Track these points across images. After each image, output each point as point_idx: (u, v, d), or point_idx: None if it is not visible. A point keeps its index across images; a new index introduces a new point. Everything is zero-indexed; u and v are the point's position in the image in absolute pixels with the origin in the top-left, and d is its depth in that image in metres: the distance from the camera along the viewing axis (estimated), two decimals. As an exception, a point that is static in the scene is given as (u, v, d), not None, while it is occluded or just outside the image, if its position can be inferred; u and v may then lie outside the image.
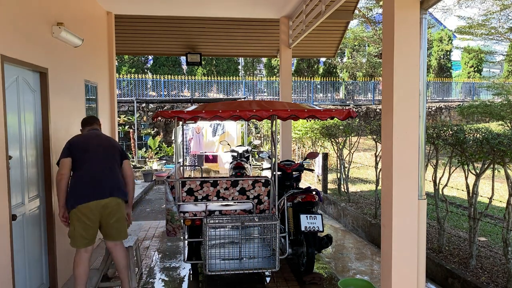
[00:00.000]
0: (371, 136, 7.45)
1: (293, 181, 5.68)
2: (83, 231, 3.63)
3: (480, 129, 4.57)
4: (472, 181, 4.69)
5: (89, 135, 4.01)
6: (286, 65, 7.66)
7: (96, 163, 3.76)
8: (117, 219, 3.76)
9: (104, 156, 3.84)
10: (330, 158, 11.37)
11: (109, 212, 3.69)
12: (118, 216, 3.77)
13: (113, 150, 3.92)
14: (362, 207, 7.48)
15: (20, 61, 3.58)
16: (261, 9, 7.00)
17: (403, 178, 3.09)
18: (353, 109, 6.02)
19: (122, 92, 18.66)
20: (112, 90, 6.85)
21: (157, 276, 4.74)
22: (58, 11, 4.53)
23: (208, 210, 4.51)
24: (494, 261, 4.79)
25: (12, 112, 3.55)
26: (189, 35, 8.61)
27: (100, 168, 3.75)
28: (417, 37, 3.08)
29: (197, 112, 4.12)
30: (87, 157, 3.77)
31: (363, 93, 21.93)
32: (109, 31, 6.84)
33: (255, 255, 4.40)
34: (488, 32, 19.08)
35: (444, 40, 24.24)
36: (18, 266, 3.58)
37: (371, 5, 20.38)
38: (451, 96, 22.82)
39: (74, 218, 3.63)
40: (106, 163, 3.80)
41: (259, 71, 24.36)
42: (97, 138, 3.97)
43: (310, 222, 4.46)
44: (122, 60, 21.35)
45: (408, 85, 3.06)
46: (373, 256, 5.64)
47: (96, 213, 3.64)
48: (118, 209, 3.76)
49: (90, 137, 3.96)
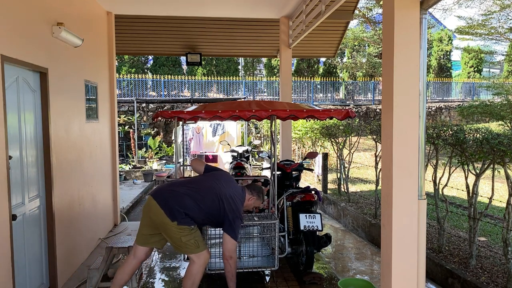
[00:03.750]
0: (371, 136, 7.45)
1: (292, 181, 5.69)
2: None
3: (480, 129, 4.57)
4: (472, 181, 4.69)
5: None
6: (286, 65, 7.66)
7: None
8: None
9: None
10: (330, 158, 11.37)
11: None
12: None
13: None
14: (362, 207, 7.48)
15: (20, 61, 3.58)
16: (261, 9, 7.00)
17: (403, 178, 3.09)
18: (352, 109, 6.02)
19: (122, 92, 18.66)
20: (112, 90, 6.85)
21: (157, 276, 4.74)
22: (58, 11, 4.54)
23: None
24: (494, 261, 4.79)
25: (12, 112, 3.55)
26: (189, 35, 8.61)
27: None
28: (417, 37, 3.08)
29: (197, 112, 4.12)
30: None
31: (363, 93, 21.94)
32: (109, 31, 6.84)
33: (254, 254, 4.40)
34: (488, 32, 19.08)
35: (444, 40, 24.24)
36: (18, 266, 3.58)
37: (371, 5, 20.38)
38: (451, 96, 22.82)
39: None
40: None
41: (259, 71, 24.36)
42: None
43: (309, 221, 4.47)
44: (122, 60, 21.35)
45: (408, 85, 3.06)
46: (373, 256, 5.64)
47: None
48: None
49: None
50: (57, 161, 4.41)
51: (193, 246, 3.55)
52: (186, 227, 3.52)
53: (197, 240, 3.58)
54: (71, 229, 4.82)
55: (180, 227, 3.50)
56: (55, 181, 4.35)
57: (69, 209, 4.76)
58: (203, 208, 3.59)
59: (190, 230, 3.55)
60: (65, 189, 4.66)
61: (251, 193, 3.90)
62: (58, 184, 4.44)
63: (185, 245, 3.54)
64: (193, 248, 3.55)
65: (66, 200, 4.68)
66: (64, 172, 4.64)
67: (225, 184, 3.76)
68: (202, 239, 3.70)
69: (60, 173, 4.51)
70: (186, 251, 3.60)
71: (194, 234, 3.58)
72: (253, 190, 3.92)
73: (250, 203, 3.89)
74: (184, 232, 3.52)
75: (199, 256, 3.57)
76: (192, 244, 3.54)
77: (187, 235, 3.53)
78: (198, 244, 3.58)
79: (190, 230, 3.55)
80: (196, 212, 3.57)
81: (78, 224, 5.07)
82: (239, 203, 3.73)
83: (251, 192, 3.90)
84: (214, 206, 3.61)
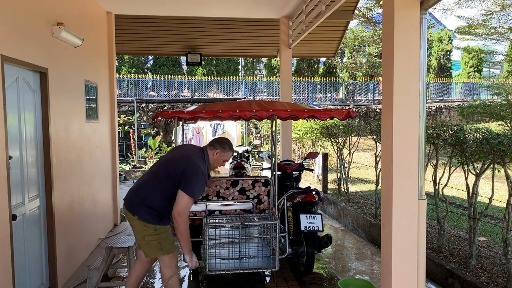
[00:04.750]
0: (371, 136, 7.45)
1: (293, 181, 5.68)
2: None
3: (480, 129, 4.56)
4: (472, 181, 4.69)
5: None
6: (286, 65, 7.66)
7: None
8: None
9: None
10: (330, 158, 11.37)
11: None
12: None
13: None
14: (362, 207, 7.48)
15: (20, 61, 3.58)
16: (261, 9, 7.00)
17: (403, 178, 3.09)
18: (352, 109, 6.02)
19: (122, 92, 18.65)
20: (112, 90, 6.85)
21: (157, 276, 4.74)
22: (58, 11, 4.53)
23: (208, 210, 4.51)
24: (494, 261, 4.79)
25: (12, 112, 3.55)
26: (189, 35, 8.61)
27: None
28: (417, 37, 3.08)
29: (197, 112, 4.12)
30: None
31: (363, 93, 21.94)
32: (109, 31, 6.84)
33: (255, 254, 4.40)
34: (488, 32, 19.08)
35: (444, 40, 24.25)
36: (18, 266, 3.58)
37: (371, 5, 20.38)
38: (451, 96, 22.83)
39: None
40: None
41: (259, 71, 24.36)
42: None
43: (309, 221, 4.47)
44: (122, 60, 21.35)
45: (408, 85, 3.06)
46: (373, 256, 5.64)
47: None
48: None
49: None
50: (57, 161, 4.41)
51: (155, 248, 3.35)
52: (151, 226, 3.31)
53: (161, 243, 3.35)
54: (71, 229, 4.82)
55: (144, 223, 3.32)
56: (55, 181, 4.35)
57: (69, 209, 4.76)
58: (165, 190, 3.33)
59: (155, 230, 3.33)
60: (65, 189, 4.66)
61: (213, 147, 3.59)
62: (58, 184, 4.43)
63: (147, 244, 3.37)
64: (155, 250, 3.36)
65: (66, 200, 4.68)
66: (64, 172, 4.63)
67: (179, 151, 3.58)
68: (171, 244, 3.44)
69: (60, 173, 4.51)
70: (149, 252, 3.42)
71: (160, 236, 3.35)
72: (215, 143, 3.62)
73: (216, 157, 3.59)
74: (148, 231, 3.33)
75: (162, 259, 3.41)
76: (154, 246, 3.35)
77: (151, 235, 3.33)
78: (161, 247, 3.36)
79: (154, 230, 3.33)
80: (158, 199, 3.33)
81: (78, 224, 5.07)
82: (195, 159, 3.42)
83: (213, 146, 3.60)
84: (174, 180, 3.31)
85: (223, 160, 3.66)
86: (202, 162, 3.44)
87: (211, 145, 3.62)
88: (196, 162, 3.39)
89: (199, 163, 3.40)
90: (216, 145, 3.60)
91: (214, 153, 3.57)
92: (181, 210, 3.22)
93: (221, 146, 3.59)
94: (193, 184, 3.28)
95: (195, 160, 3.41)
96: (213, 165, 3.64)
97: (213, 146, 3.60)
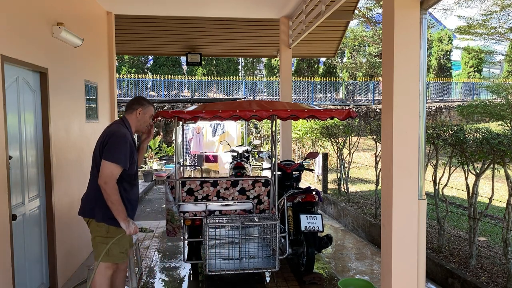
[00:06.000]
0: (371, 136, 7.45)
1: (293, 181, 5.68)
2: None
3: (480, 129, 4.56)
4: (472, 181, 4.69)
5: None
6: (286, 65, 7.66)
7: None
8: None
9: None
10: (330, 158, 11.37)
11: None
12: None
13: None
14: (362, 207, 7.48)
15: (20, 61, 3.58)
16: (261, 9, 7.00)
17: (403, 178, 3.09)
18: (353, 109, 6.02)
19: (122, 92, 18.65)
20: (112, 90, 6.85)
21: (157, 276, 4.74)
22: (58, 11, 4.54)
23: (208, 210, 4.51)
24: (494, 261, 4.79)
25: (12, 112, 3.55)
26: (189, 35, 8.61)
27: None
28: (417, 37, 3.08)
29: (197, 112, 4.12)
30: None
31: (363, 93, 21.94)
32: (109, 31, 6.84)
33: (255, 255, 4.40)
34: (488, 32, 19.07)
35: (444, 40, 24.25)
36: (18, 266, 3.58)
37: (371, 5, 20.38)
38: (451, 96, 22.83)
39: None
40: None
41: (259, 71, 24.36)
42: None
43: (310, 222, 4.47)
44: (122, 60, 21.35)
45: (408, 85, 3.06)
46: (373, 256, 5.64)
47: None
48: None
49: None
50: (57, 161, 4.41)
51: (100, 252, 3.16)
52: (103, 225, 3.17)
53: (111, 249, 3.17)
54: (71, 229, 4.82)
55: (97, 223, 3.18)
56: (55, 181, 4.35)
57: (69, 209, 4.76)
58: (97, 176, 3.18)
59: (107, 232, 3.18)
60: (65, 189, 4.66)
61: (132, 108, 3.35)
62: (58, 184, 4.43)
63: (95, 245, 3.23)
64: (100, 253, 3.16)
65: (66, 200, 4.68)
66: (64, 172, 4.63)
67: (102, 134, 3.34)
68: (120, 253, 3.27)
69: (60, 173, 4.51)
70: (95, 254, 3.25)
71: (110, 241, 3.15)
72: (131, 105, 3.37)
73: (141, 117, 3.37)
74: (99, 232, 3.19)
75: (101, 265, 3.20)
76: (101, 249, 3.16)
77: (101, 237, 3.18)
78: (108, 253, 3.17)
79: (106, 233, 3.18)
80: (96, 187, 3.18)
81: (78, 224, 5.07)
82: (112, 126, 3.28)
83: (131, 108, 3.36)
84: (99, 160, 3.15)
85: (148, 116, 3.44)
86: (121, 127, 3.25)
87: (129, 108, 3.38)
88: (113, 127, 3.25)
89: (116, 127, 3.23)
90: (134, 105, 3.36)
91: (136, 113, 3.35)
92: (106, 177, 3.05)
93: (139, 104, 3.37)
94: (113, 148, 3.10)
95: (112, 127, 3.27)
96: (141, 126, 3.43)
97: (131, 108, 3.37)
